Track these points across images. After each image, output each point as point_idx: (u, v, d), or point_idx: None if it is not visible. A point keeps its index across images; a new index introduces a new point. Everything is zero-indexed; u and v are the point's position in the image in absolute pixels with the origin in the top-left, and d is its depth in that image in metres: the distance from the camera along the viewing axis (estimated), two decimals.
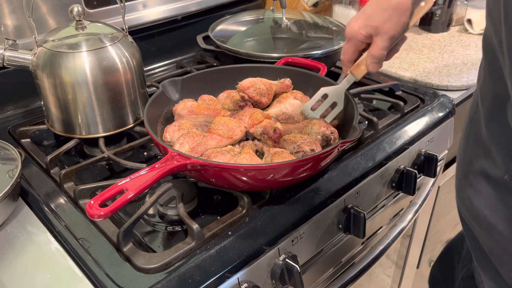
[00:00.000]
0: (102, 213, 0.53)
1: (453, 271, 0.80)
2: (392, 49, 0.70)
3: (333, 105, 0.77)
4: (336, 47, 1.06)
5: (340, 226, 0.76)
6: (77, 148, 0.87)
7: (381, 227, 0.95)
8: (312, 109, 0.77)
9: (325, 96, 0.76)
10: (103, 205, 0.54)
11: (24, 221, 0.68)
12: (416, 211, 0.93)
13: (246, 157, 0.67)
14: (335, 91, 0.75)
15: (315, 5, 1.39)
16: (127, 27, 0.86)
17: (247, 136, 0.77)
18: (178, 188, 0.71)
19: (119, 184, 0.56)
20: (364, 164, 0.80)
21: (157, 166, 0.60)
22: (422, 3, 0.67)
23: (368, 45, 0.69)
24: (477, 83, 0.63)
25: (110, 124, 0.83)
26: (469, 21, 1.37)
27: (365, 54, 0.70)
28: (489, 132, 0.55)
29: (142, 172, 0.59)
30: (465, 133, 0.65)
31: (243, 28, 1.18)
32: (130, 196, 0.55)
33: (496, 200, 0.55)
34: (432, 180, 0.99)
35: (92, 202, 0.54)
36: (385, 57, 0.69)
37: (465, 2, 1.39)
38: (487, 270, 0.61)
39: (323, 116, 0.78)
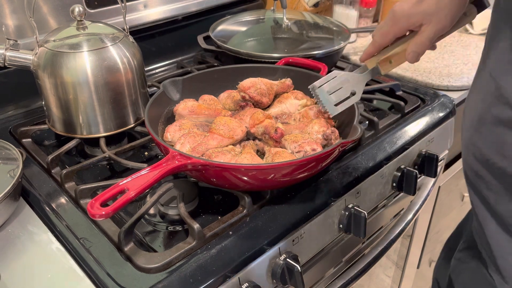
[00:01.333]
0: (103, 212, 0.53)
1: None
2: None
3: (351, 93, 0.69)
4: (336, 47, 1.06)
5: (341, 226, 0.76)
6: (78, 148, 0.87)
7: (381, 227, 0.95)
8: (328, 91, 0.69)
9: (344, 82, 0.68)
10: (104, 204, 0.54)
11: (25, 221, 0.69)
12: (417, 211, 0.93)
13: (247, 157, 0.67)
14: (356, 79, 0.68)
15: (315, 5, 1.39)
16: (128, 27, 0.86)
17: (248, 136, 0.77)
18: (179, 188, 0.71)
19: (120, 184, 0.57)
20: (365, 164, 0.80)
21: (158, 166, 0.60)
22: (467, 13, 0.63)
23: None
24: (483, 64, 0.63)
25: (111, 124, 0.83)
26: None
27: (398, 48, 0.65)
28: (507, 84, 0.57)
29: (143, 172, 0.59)
30: (472, 101, 0.66)
31: (243, 28, 1.18)
32: (131, 195, 0.55)
33: (505, 142, 0.58)
34: (433, 180, 0.99)
35: (93, 201, 0.54)
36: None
37: None
38: (489, 225, 0.62)
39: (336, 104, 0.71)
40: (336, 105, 0.70)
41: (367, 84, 1.02)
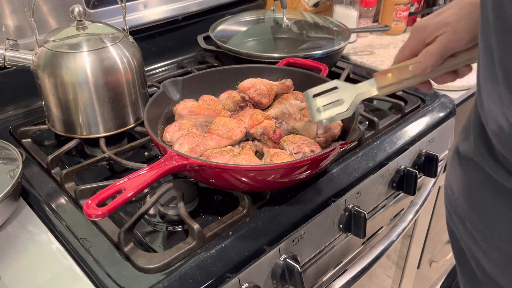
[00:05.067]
0: (99, 212, 0.52)
1: None
2: (450, 73, 0.59)
3: (339, 102, 0.63)
4: (336, 47, 1.06)
5: (341, 226, 0.76)
6: (78, 148, 0.87)
7: (381, 227, 0.95)
8: (314, 95, 0.64)
9: (335, 87, 0.63)
10: (102, 205, 0.54)
11: (25, 221, 0.69)
12: (417, 211, 0.93)
13: (245, 158, 0.67)
14: (346, 88, 0.62)
15: (315, 5, 1.39)
16: (128, 27, 0.86)
17: (248, 137, 0.77)
18: (178, 188, 0.71)
19: (117, 184, 0.56)
20: (365, 164, 0.80)
21: (155, 166, 0.60)
22: None
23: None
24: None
25: (111, 124, 0.83)
26: None
27: (400, 64, 0.59)
28: (472, 115, 0.56)
29: (140, 172, 0.59)
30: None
31: (243, 28, 1.18)
32: (128, 195, 0.55)
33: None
34: (433, 180, 0.99)
35: (89, 201, 0.53)
36: (439, 75, 0.59)
37: None
38: (465, 271, 0.60)
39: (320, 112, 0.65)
40: (320, 111, 0.64)
41: None
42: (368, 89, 0.61)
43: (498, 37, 0.43)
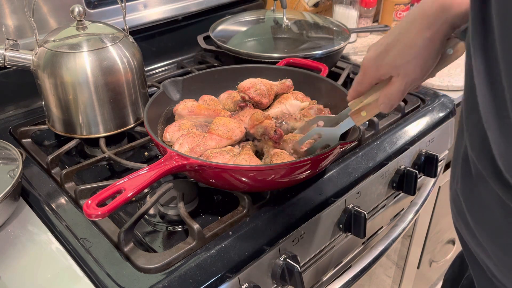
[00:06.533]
0: (99, 212, 0.52)
1: (462, 274, 0.79)
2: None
3: (325, 146, 0.69)
4: (336, 47, 1.06)
5: (341, 226, 0.76)
6: (78, 148, 0.87)
7: (381, 227, 0.95)
8: (302, 147, 0.70)
9: (319, 135, 0.69)
10: (102, 205, 0.54)
11: (25, 221, 0.69)
12: (417, 211, 0.93)
13: (245, 158, 0.67)
14: (329, 133, 0.67)
15: (315, 5, 1.39)
16: (128, 27, 0.86)
17: (248, 137, 0.77)
18: (178, 188, 0.71)
19: (117, 184, 0.56)
20: (365, 164, 0.80)
21: (155, 166, 0.60)
22: (450, 51, 0.55)
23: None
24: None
25: (111, 124, 0.83)
26: None
27: (369, 98, 0.61)
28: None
29: (140, 172, 0.58)
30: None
31: (243, 28, 1.18)
32: (128, 196, 0.55)
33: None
34: (433, 180, 0.99)
35: (89, 201, 0.53)
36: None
37: None
38: (475, 270, 0.60)
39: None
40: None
41: None
42: (347, 124, 0.65)
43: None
